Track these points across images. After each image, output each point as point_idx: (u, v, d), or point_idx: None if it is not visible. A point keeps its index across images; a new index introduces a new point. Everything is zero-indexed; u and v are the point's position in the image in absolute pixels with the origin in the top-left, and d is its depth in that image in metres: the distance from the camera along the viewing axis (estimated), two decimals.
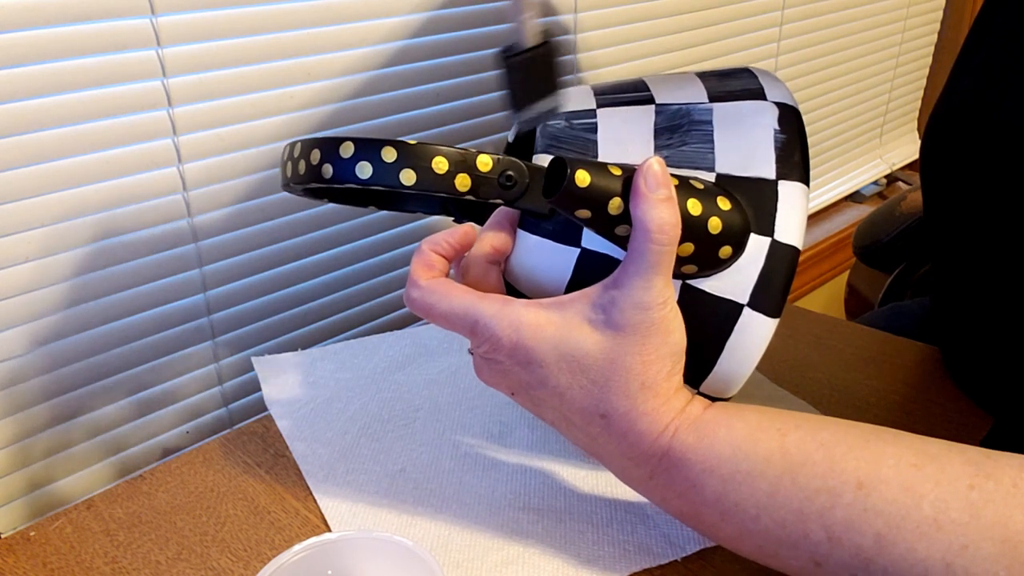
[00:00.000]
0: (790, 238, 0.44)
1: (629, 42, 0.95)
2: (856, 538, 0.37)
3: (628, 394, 0.41)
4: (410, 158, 0.40)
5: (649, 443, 0.41)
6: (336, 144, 0.40)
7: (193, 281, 0.65)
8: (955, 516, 0.35)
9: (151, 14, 0.57)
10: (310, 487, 0.53)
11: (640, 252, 0.40)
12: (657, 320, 0.40)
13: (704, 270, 0.43)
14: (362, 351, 0.68)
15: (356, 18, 0.68)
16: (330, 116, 0.69)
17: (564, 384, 0.42)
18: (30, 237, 0.56)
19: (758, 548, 0.40)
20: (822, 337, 0.70)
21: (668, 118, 0.46)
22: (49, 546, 0.49)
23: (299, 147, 0.42)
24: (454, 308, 0.42)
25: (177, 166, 0.62)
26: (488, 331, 0.42)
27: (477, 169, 0.40)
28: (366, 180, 0.40)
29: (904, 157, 1.65)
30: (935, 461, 0.37)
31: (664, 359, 0.41)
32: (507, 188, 0.41)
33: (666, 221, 0.39)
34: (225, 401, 0.71)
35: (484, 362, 0.44)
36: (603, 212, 0.40)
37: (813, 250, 1.43)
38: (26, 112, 0.54)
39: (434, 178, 0.40)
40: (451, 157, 0.40)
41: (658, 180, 0.40)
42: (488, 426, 0.58)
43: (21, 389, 0.58)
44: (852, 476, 0.37)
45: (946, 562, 0.35)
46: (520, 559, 0.46)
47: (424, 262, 0.44)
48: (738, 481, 0.39)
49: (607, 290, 0.41)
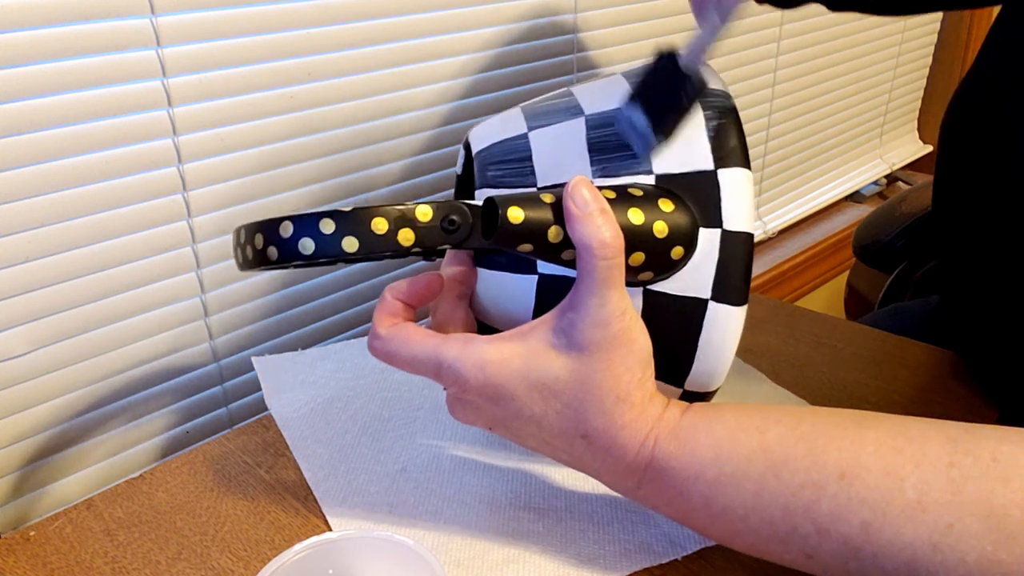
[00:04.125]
0: (739, 225, 0.44)
1: (629, 42, 0.95)
2: (843, 528, 0.37)
3: (604, 411, 0.41)
4: (348, 225, 0.39)
5: (632, 455, 0.41)
6: (276, 225, 0.40)
7: (191, 282, 0.65)
8: (938, 496, 0.35)
9: (151, 14, 0.57)
10: (310, 487, 0.53)
11: (588, 271, 0.40)
12: (619, 333, 0.40)
13: (660, 274, 0.43)
14: (362, 351, 0.68)
15: (356, 18, 0.68)
16: (330, 116, 0.69)
17: (539, 413, 0.42)
18: (30, 237, 0.56)
19: (750, 546, 0.41)
20: (822, 337, 0.70)
21: (599, 128, 0.45)
22: (49, 546, 0.49)
23: (243, 233, 0.42)
24: (416, 354, 0.42)
25: (177, 166, 0.62)
26: (453, 373, 0.41)
27: (418, 221, 0.40)
28: (311, 255, 0.40)
29: (904, 157, 1.64)
30: (914, 442, 0.37)
31: (633, 369, 0.41)
32: (451, 232, 0.41)
33: (606, 236, 0.39)
34: (225, 401, 0.71)
35: (456, 402, 0.44)
36: (544, 242, 0.41)
37: (813, 250, 1.43)
38: (26, 112, 0.54)
39: (376, 239, 0.40)
40: (389, 216, 0.40)
41: (585, 198, 0.40)
42: None
43: (21, 389, 0.58)
44: (834, 467, 0.37)
45: (932, 543, 0.35)
46: (521, 558, 0.46)
47: (386, 310, 0.44)
48: (723, 484, 0.40)
49: (564, 313, 0.41)
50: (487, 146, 0.47)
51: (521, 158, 0.46)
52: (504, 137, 0.47)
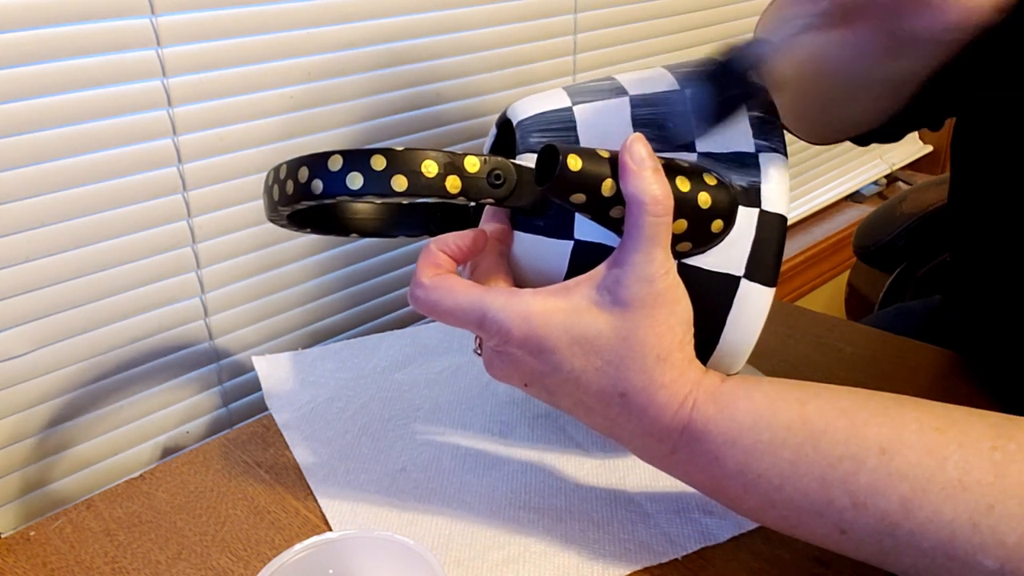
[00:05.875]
0: (777, 207, 0.44)
1: (629, 42, 0.95)
2: (881, 503, 0.36)
3: (644, 369, 0.41)
4: (399, 164, 0.40)
5: (670, 416, 0.41)
6: (324, 159, 0.40)
7: (191, 282, 0.65)
8: (980, 477, 0.35)
9: (151, 14, 0.57)
10: (310, 487, 0.53)
11: (637, 227, 0.40)
12: (663, 290, 0.40)
13: (698, 246, 0.44)
14: (362, 351, 0.68)
15: (356, 18, 0.68)
16: (330, 116, 0.69)
17: (579, 368, 0.41)
18: (30, 237, 0.56)
19: (783, 519, 0.40)
20: (822, 337, 0.70)
21: (643, 107, 0.46)
22: (49, 546, 0.49)
23: (284, 168, 0.42)
24: (460, 303, 0.42)
25: (177, 166, 0.62)
26: (497, 324, 0.41)
27: (466, 170, 0.41)
28: (358, 190, 0.40)
29: (904, 157, 1.64)
30: (957, 425, 0.37)
31: (675, 328, 0.41)
32: (496, 187, 0.41)
33: (658, 192, 0.40)
34: (225, 401, 0.71)
35: (495, 355, 0.43)
36: (597, 194, 0.41)
37: (813, 250, 1.43)
38: (26, 112, 0.54)
39: (425, 182, 0.40)
40: (439, 160, 0.40)
41: (642, 154, 0.40)
42: (488, 425, 0.58)
43: (21, 389, 0.58)
44: (875, 441, 0.37)
45: (973, 522, 0.35)
46: (521, 558, 0.46)
47: (430, 261, 0.44)
48: (760, 451, 0.39)
49: (610, 269, 0.41)
50: (531, 115, 0.47)
51: (565, 127, 0.46)
52: (547, 109, 0.47)
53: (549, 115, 0.46)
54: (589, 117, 0.46)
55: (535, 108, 0.47)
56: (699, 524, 0.48)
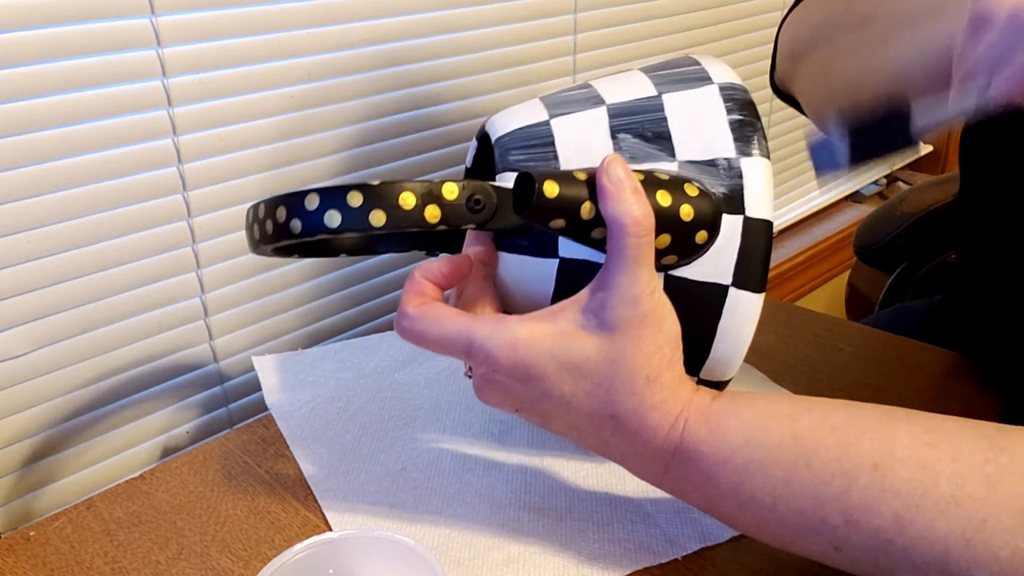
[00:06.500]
0: (761, 212, 0.44)
1: (629, 42, 0.95)
2: (875, 520, 0.36)
3: (634, 391, 0.41)
4: (376, 199, 0.39)
5: (662, 438, 0.41)
6: (300, 197, 0.40)
7: (191, 282, 0.65)
8: (972, 491, 0.35)
9: (151, 14, 0.57)
10: (310, 487, 0.53)
11: (619, 248, 0.40)
12: (649, 311, 0.40)
13: (684, 258, 0.43)
14: (362, 351, 0.68)
15: (356, 18, 0.68)
16: (330, 116, 0.70)
17: (569, 393, 0.41)
18: (30, 237, 0.56)
19: (777, 536, 0.40)
20: (822, 337, 0.70)
21: (621, 116, 0.46)
22: (49, 546, 0.49)
23: (263, 207, 0.42)
24: (446, 333, 0.42)
25: (177, 166, 0.62)
26: (485, 352, 0.41)
27: (444, 198, 0.40)
28: (336, 228, 0.40)
29: (904, 157, 1.64)
30: (949, 438, 0.37)
31: (663, 348, 0.41)
32: (476, 212, 0.41)
33: (638, 213, 0.40)
34: (225, 401, 0.71)
35: (485, 383, 0.43)
36: (576, 218, 0.41)
37: (813, 250, 1.43)
38: (26, 112, 0.54)
39: (403, 215, 0.40)
40: (417, 191, 0.40)
41: (619, 175, 0.40)
42: (488, 425, 0.58)
43: (21, 389, 0.58)
44: (867, 458, 0.37)
45: (966, 538, 0.35)
46: (521, 558, 0.46)
47: (415, 290, 0.43)
48: (752, 470, 0.39)
49: (594, 293, 0.41)
50: (508, 131, 0.46)
51: (544, 143, 0.45)
52: (525, 124, 0.47)
53: (527, 131, 0.46)
54: (567, 131, 0.46)
55: (512, 123, 0.47)
56: (699, 524, 0.48)
